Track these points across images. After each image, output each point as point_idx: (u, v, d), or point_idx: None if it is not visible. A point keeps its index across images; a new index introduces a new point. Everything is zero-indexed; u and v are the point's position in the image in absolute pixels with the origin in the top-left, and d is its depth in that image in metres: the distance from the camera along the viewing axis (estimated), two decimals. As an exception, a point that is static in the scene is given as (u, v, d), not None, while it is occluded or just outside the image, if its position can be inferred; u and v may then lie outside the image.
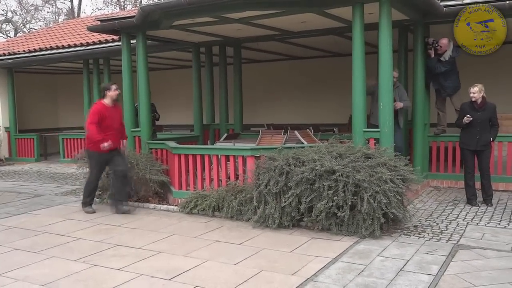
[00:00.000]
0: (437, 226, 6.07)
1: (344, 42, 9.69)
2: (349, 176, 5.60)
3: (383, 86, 6.72)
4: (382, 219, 5.55)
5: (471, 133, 7.06)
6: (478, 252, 5.05)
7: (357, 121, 6.76)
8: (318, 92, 13.19)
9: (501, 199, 7.51)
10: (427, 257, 4.90)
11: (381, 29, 6.65)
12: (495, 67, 10.33)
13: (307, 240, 5.56)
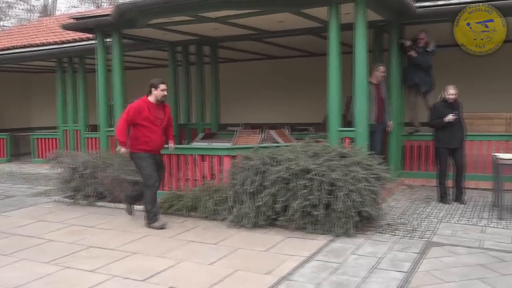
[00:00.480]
0: (410, 224, 6.16)
1: (321, 42, 9.76)
2: (324, 175, 5.64)
3: (358, 86, 6.79)
4: (356, 218, 5.60)
5: (450, 131, 7.19)
6: (449, 249, 5.15)
7: (333, 120, 6.82)
8: (294, 91, 13.25)
9: (472, 196, 7.66)
10: (400, 255, 4.97)
11: (357, 29, 6.72)
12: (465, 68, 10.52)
13: (282, 239, 5.58)
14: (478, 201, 7.44)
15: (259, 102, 13.89)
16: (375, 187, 5.77)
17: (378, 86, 8.18)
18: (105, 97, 8.85)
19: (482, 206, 7.12)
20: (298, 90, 13.17)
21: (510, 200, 7.32)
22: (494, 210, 6.76)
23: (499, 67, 10.49)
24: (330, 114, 6.85)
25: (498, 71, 10.55)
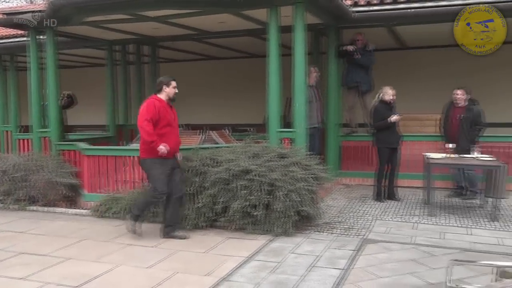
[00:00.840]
0: (347, 222, 6.34)
1: (261, 44, 9.83)
2: (264, 175, 5.69)
3: (297, 87, 6.89)
4: (295, 217, 5.69)
5: (391, 132, 7.50)
6: (384, 246, 5.33)
7: (272, 121, 6.88)
8: (235, 92, 13.26)
9: (405, 194, 7.98)
10: (337, 252, 5.10)
11: (296, 31, 6.81)
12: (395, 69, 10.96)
13: (223, 240, 5.57)
14: (410, 199, 7.76)
15: (200, 103, 13.80)
16: (314, 186, 5.89)
17: (315, 89, 8.34)
18: (38, 96, 8.47)
19: (414, 203, 7.44)
20: (239, 91, 13.20)
21: (440, 197, 7.71)
22: (425, 207, 7.08)
23: (427, 67, 11.02)
24: (269, 115, 6.91)
25: (427, 71, 11.07)
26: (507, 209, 6.99)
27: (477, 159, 6.87)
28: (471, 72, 10.57)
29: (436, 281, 4.23)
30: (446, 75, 10.70)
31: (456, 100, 7.63)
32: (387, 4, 7.89)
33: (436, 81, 10.87)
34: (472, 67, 10.61)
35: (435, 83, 10.86)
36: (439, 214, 6.74)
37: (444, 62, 11.05)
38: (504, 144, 8.29)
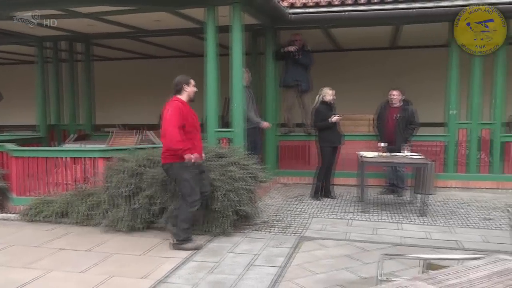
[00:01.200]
0: (284, 221, 6.43)
1: (199, 43, 9.78)
2: (202, 175, 5.64)
3: (235, 87, 6.92)
4: (234, 217, 5.70)
5: (334, 131, 7.68)
6: (320, 243, 5.46)
7: (211, 121, 6.87)
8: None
9: (341, 192, 8.21)
10: (274, 250, 5.16)
11: (233, 31, 6.84)
12: (334, 71, 11.27)
13: (160, 242, 5.49)
14: (345, 196, 8.00)
15: (137, 103, 13.51)
16: (252, 186, 5.92)
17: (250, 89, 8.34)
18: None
19: (348, 201, 7.67)
20: (177, 90, 13.04)
21: (373, 194, 7.99)
22: (359, 204, 7.31)
23: (360, 68, 11.41)
24: (208, 115, 6.89)
25: (360, 72, 11.46)
26: (435, 204, 7.36)
27: (407, 158, 7.18)
28: (401, 73, 11.05)
29: (368, 275, 4.38)
30: (378, 76, 11.13)
31: (392, 101, 7.91)
32: (322, 6, 8.09)
33: (369, 82, 11.28)
34: (402, 69, 11.10)
35: (368, 84, 11.27)
36: (372, 210, 6.99)
37: (376, 64, 11.49)
38: (431, 143, 8.73)
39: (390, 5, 7.85)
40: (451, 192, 8.24)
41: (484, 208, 7.11)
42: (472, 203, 7.42)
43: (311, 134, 8.64)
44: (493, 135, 8.45)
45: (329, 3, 8.07)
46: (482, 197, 7.85)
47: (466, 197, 7.85)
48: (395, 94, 7.87)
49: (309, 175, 8.87)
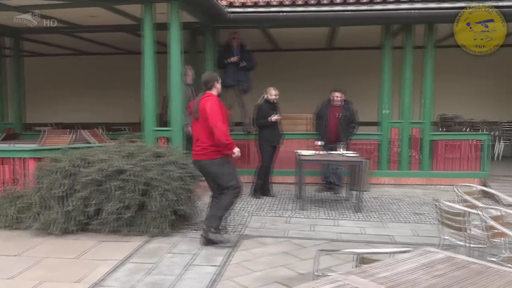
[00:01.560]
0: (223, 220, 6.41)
1: (136, 40, 9.57)
2: (139, 175, 5.54)
3: (173, 86, 6.84)
4: (172, 217, 5.63)
5: (275, 130, 7.73)
6: (259, 240, 5.51)
7: (148, 120, 6.76)
8: (110, 90, 12.77)
9: (279, 190, 8.32)
10: (213, 250, 5.15)
11: (171, 29, 6.76)
12: (274, 71, 11.40)
13: (95, 244, 5.32)
14: (284, 194, 8.11)
15: (71, 101, 13.04)
16: (190, 185, 5.88)
17: (193, 87, 8.25)
18: None
19: (287, 198, 7.78)
20: (114, 88, 12.71)
21: (311, 192, 8.16)
22: (297, 202, 7.44)
23: (299, 68, 11.62)
24: (145, 114, 6.78)
25: (299, 72, 11.67)
26: (369, 201, 7.62)
27: (343, 156, 7.38)
28: (338, 73, 11.33)
29: (306, 271, 4.46)
30: (316, 76, 11.37)
31: (334, 101, 8.07)
32: (260, 6, 8.16)
33: (307, 82, 11.50)
34: (339, 69, 11.39)
35: (306, 84, 11.48)
36: (310, 208, 7.13)
37: (314, 64, 11.74)
38: (366, 141, 9.03)
39: (326, 7, 8.05)
40: (384, 189, 8.57)
41: (414, 204, 7.45)
42: (404, 199, 7.76)
43: (250, 133, 8.70)
44: (423, 133, 8.86)
45: (267, 3, 8.15)
46: (413, 193, 8.22)
47: (398, 193, 8.19)
48: (338, 95, 8.03)
49: (248, 174, 8.90)
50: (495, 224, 3.73)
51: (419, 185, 8.83)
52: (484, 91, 11.56)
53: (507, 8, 7.60)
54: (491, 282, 2.33)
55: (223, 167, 5.32)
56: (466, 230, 3.98)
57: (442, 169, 8.92)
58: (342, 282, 2.27)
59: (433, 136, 8.98)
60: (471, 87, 11.60)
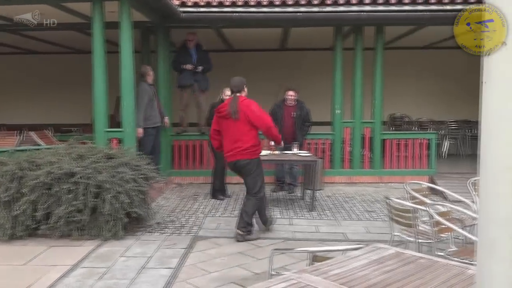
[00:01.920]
0: (178, 221, 6.37)
1: (86, 39, 9.33)
2: (90, 177, 5.41)
3: (125, 86, 6.72)
4: (125, 219, 5.53)
5: None
6: (214, 241, 5.49)
7: (99, 120, 6.61)
8: (60, 90, 12.37)
9: (235, 191, 8.31)
10: (168, 252, 5.10)
11: (122, 28, 6.64)
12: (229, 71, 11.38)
13: (45, 250, 5.15)
14: (239, 194, 8.10)
15: (18, 101, 12.55)
16: (144, 187, 5.79)
17: (154, 87, 8.10)
18: None
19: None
20: (64, 89, 12.32)
21: (266, 192, 8.18)
22: (252, 201, 7.45)
23: (254, 69, 11.67)
24: (96, 115, 6.63)
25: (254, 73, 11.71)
26: (323, 199, 7.74)
27: (297, 155, 7.46)
28: (292, 74, 11.46)
29: (261, 271, 4.48)
30: (271, 76, 11.43)
31: (288, 101, 8.15)
32: (213, 6, 8.13)
33: (262, 82, 11.54)
34: (293, 71, 11.51)
35: (261, 84, 11.52)
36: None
37: (267, 65, 11.82)
38: (319, 141, 9.17)
39: (279, 8, 8.11)
40: (337, 187, 8.73)
41: (367, 201, 7.63)
42: (356, 197, 7.93)
43: (205, 133, 8.65)
44: (374, 133, 9.09)
45: (220, 3, 8.14)
46: (365, 191, 8.43)
47: (351, 192, 8.37)
48: (292, 94, 8.13)
49: (203, 175, 8.89)
50: (441, 220, 3.88)
51: (371, 183, 9.06)
52: (432, 92, 11.99)
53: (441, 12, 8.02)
54: (438, 276, 2.43)
55: (259, 168, 5.70)
56: (415, 226, 4.12)
57: (392, 167, 9.17)
58: (296, 281, 2.31)
59: (383, 135, 9.22)
60: (420, 88, 12.02)
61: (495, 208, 1.55)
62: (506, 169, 1.53)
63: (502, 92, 1.54)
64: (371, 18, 8.22)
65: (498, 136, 1.54)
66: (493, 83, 1.56)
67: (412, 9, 8.08)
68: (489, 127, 1.57)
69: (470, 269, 2.48)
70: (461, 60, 11.43)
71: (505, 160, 1.53)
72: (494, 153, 1.54)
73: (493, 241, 1.55)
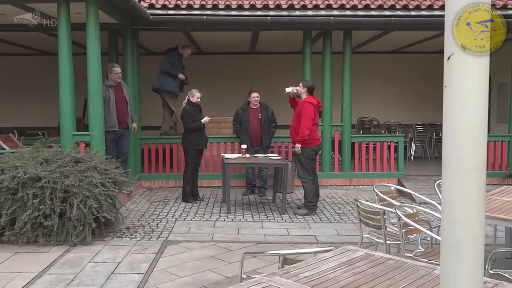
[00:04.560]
0: (148, 226, 6.32)
1: (52, 41, 9.15)
2: (57, 182, 5.33)
3: (92, 89, 6.63)
4: (93, 224, 5.45)
5: (201, 133, 7.65)
6: (185, 245, 5.47)
7: (66, 123, 6.51)
8: (25, 92, 12.06)
9: (206, 194, 8.30)
10: (138, 257, 5.05)
11: (89, 30, 6.56)
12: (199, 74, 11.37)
13: (10, 256, 5.03)
14: (210, 198, 8.10)
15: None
16: (112, 191, 5.73)
17: (117, 89, 7.68)
18: None
19: (213, 202, 7.78)
20: (30, 91, 12.02)
21: (237, 195, 8.22)
22: (223, 205, 7.46)
23: (221, 71, 11.70)
24: (63, 117, 6.52)
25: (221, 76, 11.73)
26: (294, 202, 7.80)
27: (268, 158, 7.51)
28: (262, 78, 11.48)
29: (232, 275, 4.50)
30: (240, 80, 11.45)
31: (253, 102, 8.18)
32: (182, 9, 8.10)
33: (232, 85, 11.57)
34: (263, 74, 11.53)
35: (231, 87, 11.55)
36: (236, 211, 7.18)
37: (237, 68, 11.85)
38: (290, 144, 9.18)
39: (248, 12, 8.15)
40: (307, 190, 8.79)
41: (337, 204, 7.73)
42: (327, 200, 8.03)
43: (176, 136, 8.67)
44: (343, 136, 9.21)
45: (189, 6, 8.11)
46: (335, 194, 8.54)
47: (321, 194, 8.38)
48: (256, 96, 8.17)
49: (174, 178, 8.85)
50: (409, 222, 3.97)
51: (341, 185, 9.17)
52: (399, 95, 12.23)
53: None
54: (407, 276, 2.49)
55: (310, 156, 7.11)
56: (383, 228, 4.20)
57: (362, 170, 9.30)
58: (266, 284, 2.33)
59: (352, 138, 9.36)
60: (387, 92, 12.22)
61: (457, 208, 1.61)
62: (468, 170, 1.58)
63: (461, 95, 1.60)
64: (339, 23, 8.34)
65: (458, 138, 1.60)
66: (453, 87, 1.62)
67: (379, 14, 8.25)
68: (450, 129, 1.63)
69: (437, 270, 2.56)
70: (427, 64, 11.76)
71: (466, 161, 1.59)
72: (456, 155, 1.60)
73: (456, 241, 1.61)
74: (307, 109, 6.81)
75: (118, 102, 7.50)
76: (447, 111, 1.63)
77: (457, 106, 1.61)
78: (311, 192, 6.98)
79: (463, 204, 1.60)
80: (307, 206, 7.00)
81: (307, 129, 6.78)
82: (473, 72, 1.61)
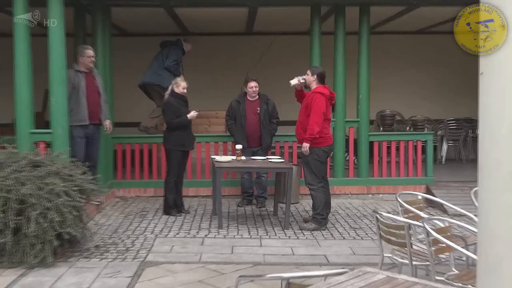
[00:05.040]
0: (122, 243, 6.33)
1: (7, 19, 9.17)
2: (10, 190, 5.36)
3: (55, 77, 6.66)
4: (55, 242, 5.45)
5: (186, 131, 7.65)
6: (167, 268, 5.48)
7: (22, 119, 6.54)
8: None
9: (192, 205, 8.31)
10: (109, 282, 5.06)
11: (51, 5, 6.58)
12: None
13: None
14: (197, 210, 8.11)
15: None
16: (79, 202, 5.74)
17: (89, 76, 7.57)
18: None
19: (201, 215, 7.79)
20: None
21: (230, 206, 8.23)
22: (213, 218, 7.47)
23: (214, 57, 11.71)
24: (18, 113, 6.55)
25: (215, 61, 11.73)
26: (300, 215, 7.82)
27: (268, 162, 7.49)
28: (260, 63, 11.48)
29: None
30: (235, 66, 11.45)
31: (251, 94, 8.14)
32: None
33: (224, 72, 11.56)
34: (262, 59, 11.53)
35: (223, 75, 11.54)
36: (229, 225, 7.19)
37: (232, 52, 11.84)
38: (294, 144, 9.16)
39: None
40: (316, 200, 8.81)
41: (352, 216, 7.75)
42: (340, 211, 8.05)
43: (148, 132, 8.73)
44: (360, 134, 9.20)
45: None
46: (349, 204, 8.55)
47: (333, 205, 8.41)
48: (254, 85, 8.09)
49: (153, 186, 8.85)
50: (440, 238, 3.95)
51: (357, 194, 9.17)
52: (427, 85, 12.20)
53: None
54: (435, 304, 2.49)
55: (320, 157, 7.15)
56: (409, 245, 4.19)
57: (382, 175, 9.30)
58: (267, 313, 2.32)
59: (371, 136, 9.34)
60: (412, 81, 12.21)
61: (496, 221, 1.59)
62: (508, 175, 1.55)
63: (500, 84, 1.58)
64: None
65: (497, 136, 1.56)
66: (490, 74, 1.60)
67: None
68: (487, 125, 1.60)
69: (473, 295, 2.56)
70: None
71: (506, 164, 1.55)
72: (494, 156, 1.57)
73: (496, 260, 1.60)
74: (318, 101, 6.72)
75: (90, 92, 7.44)
76: (484, 104, 1.62)
77: (495, 97, 1.59)
78: (321, 202, 6.97)
79: (503, 216, 1.59)
80: (316, 220, 6.99)
81: (317, 125, 6.69)
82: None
